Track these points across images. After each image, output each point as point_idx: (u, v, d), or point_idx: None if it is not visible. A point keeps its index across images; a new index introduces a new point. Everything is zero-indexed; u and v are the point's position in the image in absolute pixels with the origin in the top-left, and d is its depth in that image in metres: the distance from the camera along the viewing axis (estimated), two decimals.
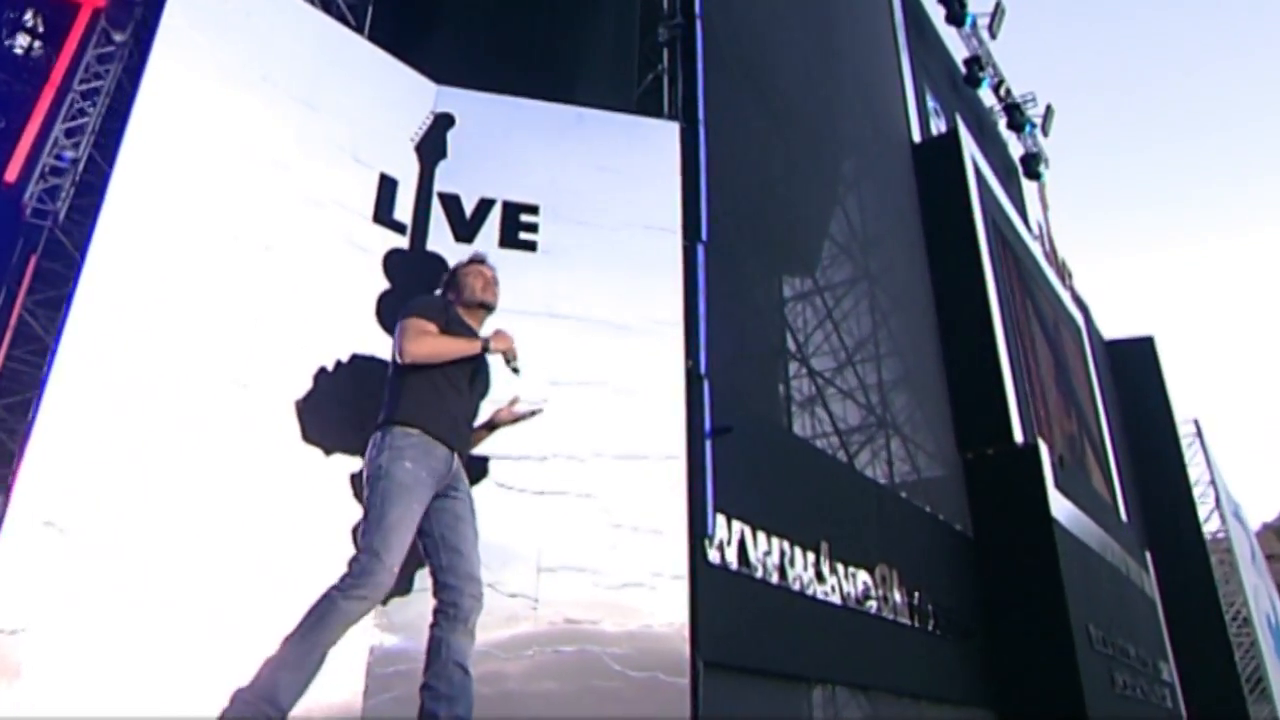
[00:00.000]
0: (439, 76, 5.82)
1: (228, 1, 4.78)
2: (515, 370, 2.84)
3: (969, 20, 15.92)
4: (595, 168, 5.83)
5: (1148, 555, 13.92)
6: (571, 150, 5.81)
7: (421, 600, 4.45)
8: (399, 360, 2.75)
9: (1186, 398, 54.84)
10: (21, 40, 8.22)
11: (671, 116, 6.39)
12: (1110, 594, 10.92)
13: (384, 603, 4.41)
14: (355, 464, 4.56)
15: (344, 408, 4.55)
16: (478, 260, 3.13)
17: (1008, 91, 17.64)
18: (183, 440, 4.01)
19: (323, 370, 4.63)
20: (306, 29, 5.21)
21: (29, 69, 8.00)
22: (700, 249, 5.75)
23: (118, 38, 7.68)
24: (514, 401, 3.09)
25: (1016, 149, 18.70)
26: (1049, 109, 18.81)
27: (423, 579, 4.51)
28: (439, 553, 2.82)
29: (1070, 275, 18.25)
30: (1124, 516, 14.35)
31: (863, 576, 7.11)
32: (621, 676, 4.52)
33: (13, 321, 9.04)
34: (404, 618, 4.39)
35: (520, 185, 5.60)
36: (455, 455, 2.79)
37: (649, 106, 6.45)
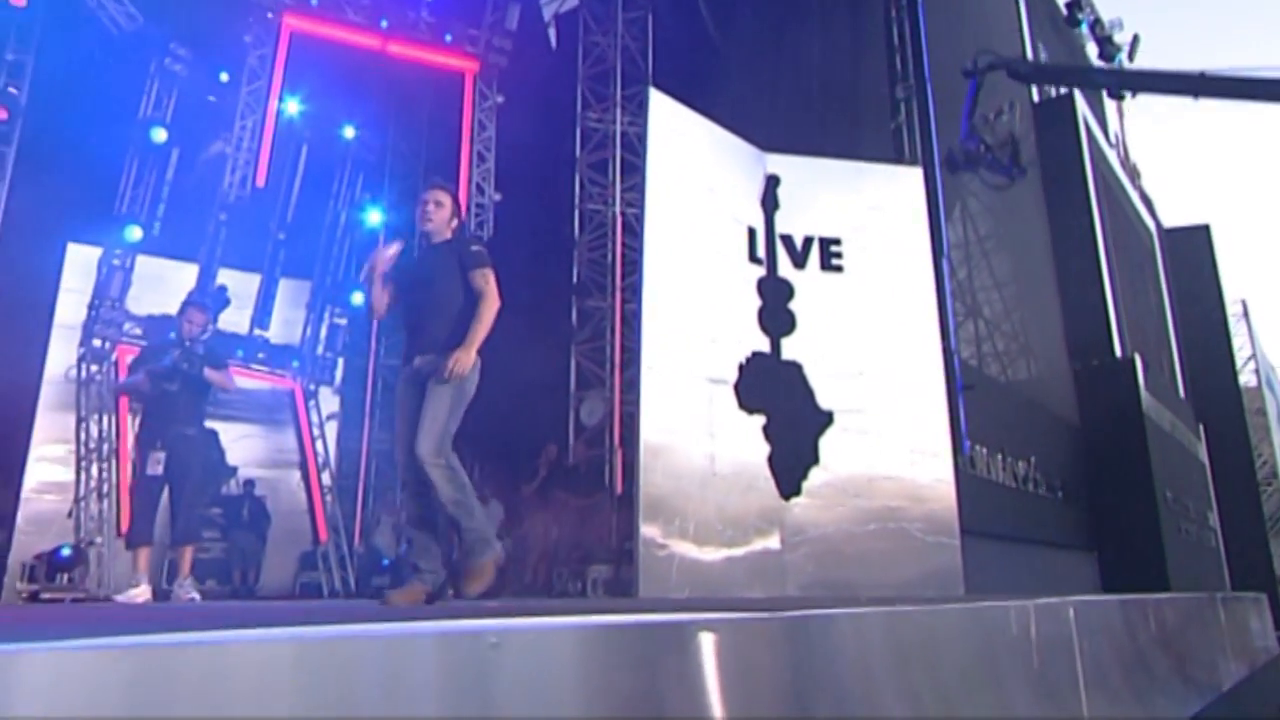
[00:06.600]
0: (760, 141, 8.51)
1: (673, 131, 7.49)
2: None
3: None
4: (869, 207, 8.57)
5: (1201, 429, 17.01)
6: (854, 196, 8.54)
7: (804, 497, 7.66)
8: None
9: (1236, 280, 56.96)
10: None
11: (912, 159, 9.05)
12: (1178, 464, 14.10)
13: (786, 499, 7.62)
14: (760, 420, 7.65)
15: (755, 384, 7.60)
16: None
17: (1102, 28, 19.56)
18: (695, 415, 7.12)
19: (740, 364, 7.64)
20: (700, 133, 7.89)
21: None
22: (945, 264, 8.56)
23: (498, 99, 10.32)
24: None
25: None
26: (1136, 38, 20.59)
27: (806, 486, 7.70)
28: None
29: (1139, 175, 20.53)
30: (1182, 394, 17.33)
31: (1021, 465, 10.29)
32: (920, 540, 7.76)
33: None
34: (800, 508, 7.59)
35: (827, 224, 8.38)
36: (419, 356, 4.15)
37: (898, 147, 9.09)
